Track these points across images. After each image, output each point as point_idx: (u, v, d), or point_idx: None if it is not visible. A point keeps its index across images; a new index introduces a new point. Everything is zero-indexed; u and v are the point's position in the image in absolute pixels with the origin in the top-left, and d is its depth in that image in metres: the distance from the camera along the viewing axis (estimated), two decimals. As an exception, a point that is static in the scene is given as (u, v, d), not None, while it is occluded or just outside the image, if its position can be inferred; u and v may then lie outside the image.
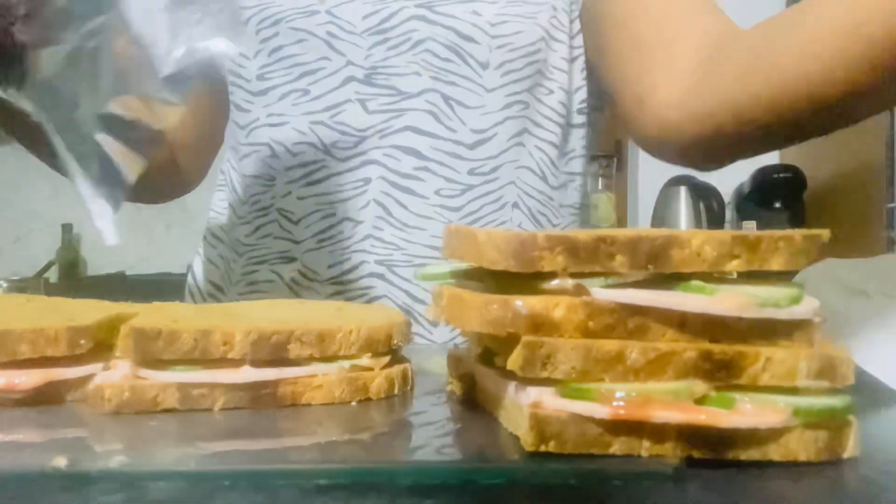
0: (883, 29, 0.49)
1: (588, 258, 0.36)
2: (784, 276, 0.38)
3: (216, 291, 0.82)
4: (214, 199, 0.85)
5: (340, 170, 0.74)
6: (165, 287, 0.98)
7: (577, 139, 0.80)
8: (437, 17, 0.73)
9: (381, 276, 0.74)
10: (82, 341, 0.43)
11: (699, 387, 0.34)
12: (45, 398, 0.43)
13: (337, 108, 0.74)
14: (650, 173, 2.30)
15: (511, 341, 0.35)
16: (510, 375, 0.36)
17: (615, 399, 0.34)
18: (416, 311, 0.72)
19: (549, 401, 0.34)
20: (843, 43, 0.52)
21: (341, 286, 0.74)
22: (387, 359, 0.47)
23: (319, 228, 0.74)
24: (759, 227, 2.10)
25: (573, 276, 0.36)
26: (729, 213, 2.25)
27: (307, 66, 0.74)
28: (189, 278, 0.91)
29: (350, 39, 0.73)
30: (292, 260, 0.75)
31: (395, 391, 0.46)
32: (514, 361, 0.35)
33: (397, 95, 0.74)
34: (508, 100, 0.75)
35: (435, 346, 0.58)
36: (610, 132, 2.09)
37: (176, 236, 0.82)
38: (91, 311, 0.48)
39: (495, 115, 0.74)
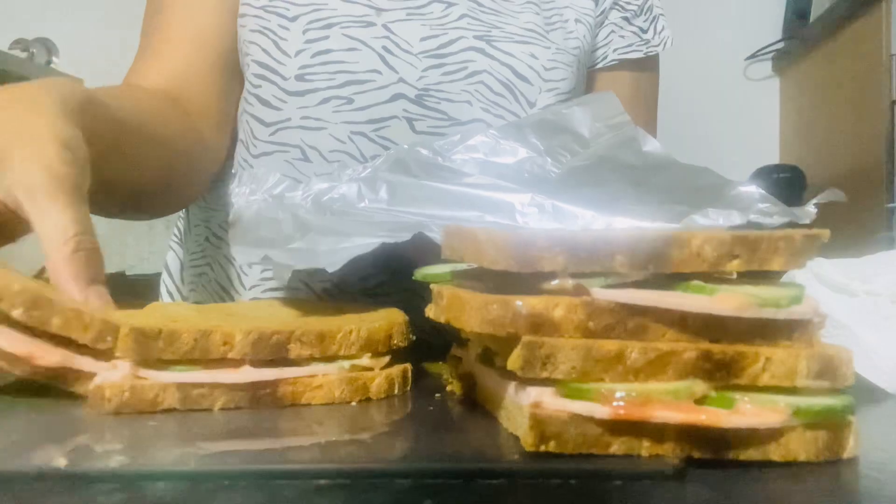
0: None
1: (588, 258, 0.36)
2: (774, 276, 0.38)
3: (222, 293, 0.81)
4: (213, 194, 0.84)
5: None
6: (165, 287, 0.97)
7: None
8: (495, 52, 0.75)
9: (416, 293, 0.73)
10: (108, 338, 0.43)
11: (699, 387, 0.34)
12: (53, 379, 0.43)
13: (382, 122, 0.73)
14: (650, 173, 2.30)
15: (511, 341, 0.35)
16: (510, 375, 0.36)
17: (615, 399, 0.34)
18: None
19: (549, 401, 0.34)
20: None
21: (374, 299, 0.73)
22: (387, 359, 0.47)
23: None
24: (759, 227, 2.09)
25: (573, 276, 0.36)
26: (729, 213, 2.24)
27: (355, 75, 0.73)
28: (165, 277, 0.89)
29: (405, 58, 0.74)
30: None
31: (395, 391, 0.46)
32: (514, 361, 0.35)
33: (446, 120, 0.74)
34: None
35: (435, 346, 0.58)
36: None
37: (173, 236, 0.82)
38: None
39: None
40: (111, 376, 0.43)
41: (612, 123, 0.67)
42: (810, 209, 0.55)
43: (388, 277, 0.74)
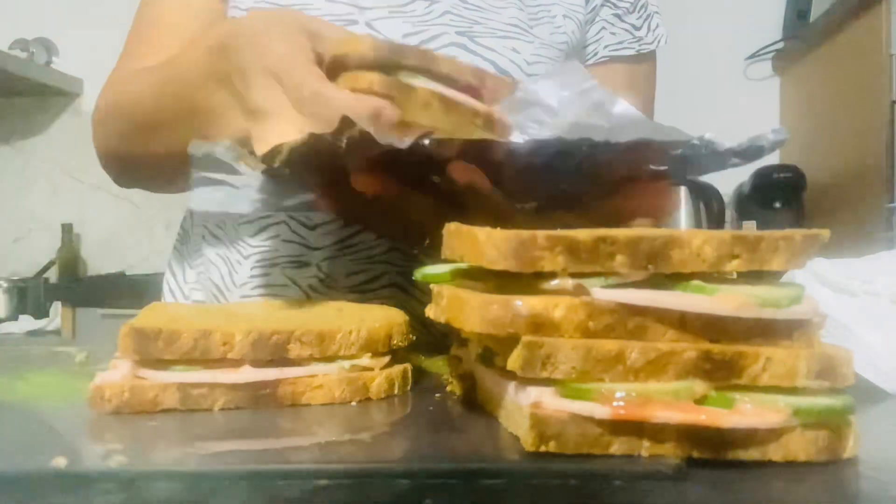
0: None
1: (588, 258, 0.36)
2: (774, 276, 0.38)
3: (216, 291, 0.81)
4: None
5: None
6: (165, 287, 0.98)
7: None
8: (477, 48, 0.76)
9: (402, 288, 0.74)
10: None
11: (699, 387, 0.34)
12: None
13: None
14: (650, 173, 2.30)
15: (511, 341, 0.35)
16: (510, 375, 0.36)
17: (615, 399, 0.34)
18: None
19: (549, 401, 0.34)
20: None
21: (361, 295, 0.74)
22: (387, 359, 0.47)
23: (340, 237, 0.74)
24: (759, 227, 2.10)
25: (573, 276, 0.36)
26: (729, 213, 2.25)
27: None
28: (168, 276, 0.89)
29: None
30: (306, 265, 0.75)
31: (395, 391, 0.46)
32: (514, 361, 0.35)
33: None
34: None
35: (435, 346, 0.58)
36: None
37: (176, 236, 0.83)
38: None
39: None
40: (111, 376, 0.43)
41: (580, 90, 0.67)
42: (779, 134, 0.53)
43: (375, 274, 0.74)
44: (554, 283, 0.36)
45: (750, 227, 2.14)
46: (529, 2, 0.81)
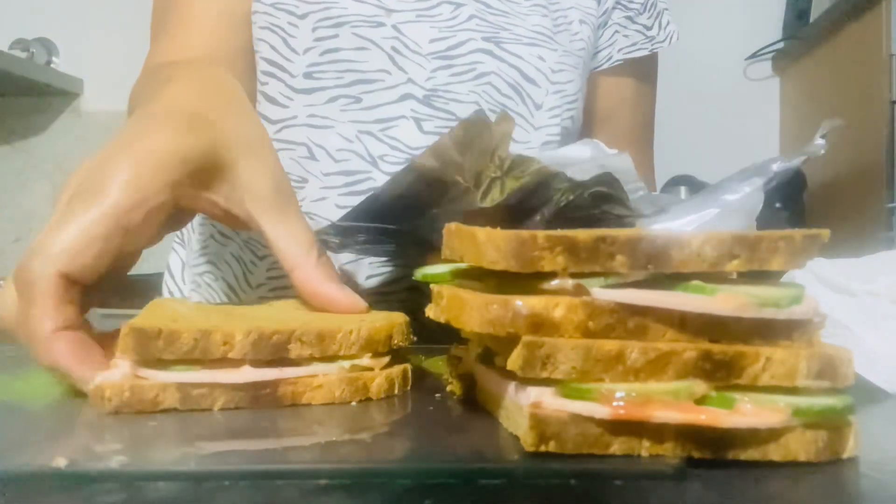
0: None
1: (588, 258, 0.36)
2: (775, 276, 0.38)
3: (229, 291, 0.81)
4: None
5: None
6: (166, 287, 0.98)
7: None
8: (503, 54, 0.76)
9: (419, 290, 0.74)
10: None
11: (699, 387, 0.34)
12: None
13: (390, 122, 0.74)
14: (650, 173, 2.31)
15: (511, 341, 0.35)
16: (510, 375, 0.36)
17: (615, 399, 0.34)
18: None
19: (549, 401, 0.34)
20: None
21: (379, 297, 0.74)
22: (387, 359, 0.46)
23: (359, 239, 0.74)
24: (759, 227, 2.09)
25: (573, 276, 0.36)
26: (729, 213, 2.24)
27: (364, 74, 0.73)
28: (167, 278, 0.89)
29: (414, 59, 0.74)
30: None
31: (395, 391, 0.46)
32: (514, 361, 0.35)
33: (454, 121, 0.74)
34: (548, 138, 0.79)
35: (435, 346, 0.58)
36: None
37: (175, 237, 0.82)
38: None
39: (536, 150, 0.78)
40: (111, 376, 0.43)
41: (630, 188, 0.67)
42: (819, 142, 0.56)
43: (394, 276, 0.74)
44: (554, 283, 0.36)
45: (750, 227, 2.13)
46: (552, 8, 0.81)
